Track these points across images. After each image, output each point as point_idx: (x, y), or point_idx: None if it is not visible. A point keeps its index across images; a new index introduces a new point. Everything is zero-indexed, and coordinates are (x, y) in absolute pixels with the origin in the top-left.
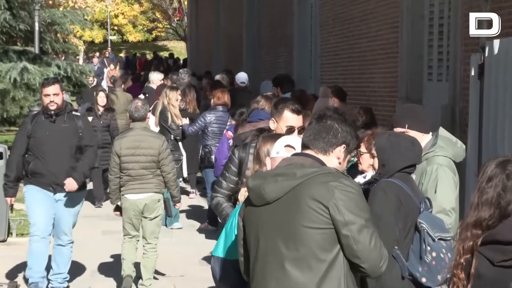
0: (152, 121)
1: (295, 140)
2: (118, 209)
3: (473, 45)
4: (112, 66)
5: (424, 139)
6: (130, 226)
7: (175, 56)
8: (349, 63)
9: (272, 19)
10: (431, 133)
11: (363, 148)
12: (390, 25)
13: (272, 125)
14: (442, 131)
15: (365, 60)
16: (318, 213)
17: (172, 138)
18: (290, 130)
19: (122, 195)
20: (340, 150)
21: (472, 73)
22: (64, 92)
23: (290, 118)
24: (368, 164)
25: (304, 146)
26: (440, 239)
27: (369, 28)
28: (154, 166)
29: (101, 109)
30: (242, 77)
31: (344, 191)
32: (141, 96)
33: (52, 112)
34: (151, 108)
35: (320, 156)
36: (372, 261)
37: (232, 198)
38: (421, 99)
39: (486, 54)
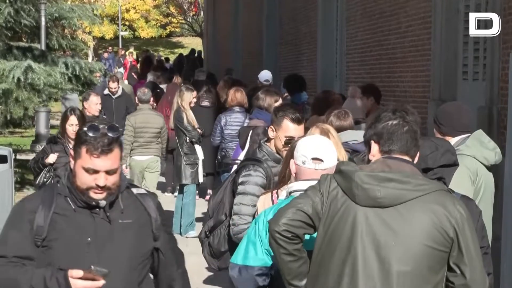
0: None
1: (323, 147)
2: (126, 167)
3: None
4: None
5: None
6: (136, 179)
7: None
8: (377, 61)
9: (295, 13)
10: (462, 136)
11: None
12: (422, 20)
13: (270, 133)
14: (477, 132)
15: (395, 57)
16: (440, 234)
17: (187, 140)
18: (289, 141)
19: (131, 156)
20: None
21: (511, 72)
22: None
23: (290, 128)
24: None
25: (386, 152)
26: None
27: (400, 23)
28: (158, 136)
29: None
30: (266, 75)
31: (464, 214)
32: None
33: (101, 204)
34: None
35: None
36: None
37: None
38: (455, 99)
39: None
